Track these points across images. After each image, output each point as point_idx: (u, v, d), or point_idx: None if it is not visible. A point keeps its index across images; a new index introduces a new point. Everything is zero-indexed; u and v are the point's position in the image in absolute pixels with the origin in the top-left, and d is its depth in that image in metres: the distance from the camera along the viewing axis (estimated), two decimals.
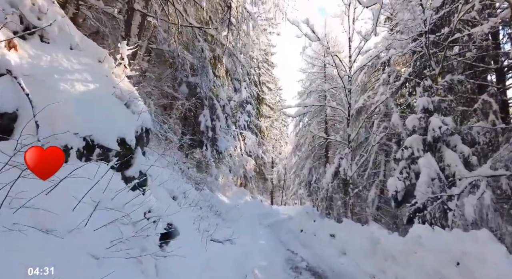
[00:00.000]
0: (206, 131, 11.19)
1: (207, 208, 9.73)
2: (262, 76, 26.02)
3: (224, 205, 15.51)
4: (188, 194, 7.48)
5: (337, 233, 9.67)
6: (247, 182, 24.74)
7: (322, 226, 11.86)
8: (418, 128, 8.26)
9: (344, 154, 16.18)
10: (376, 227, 7.75)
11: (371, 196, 14.62)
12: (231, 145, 19.77)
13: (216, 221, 9.13)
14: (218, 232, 7.21)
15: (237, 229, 10.93)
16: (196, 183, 12.32)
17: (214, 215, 10.57)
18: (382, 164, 15.42)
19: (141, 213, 3.35)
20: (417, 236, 5.37)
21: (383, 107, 14.64)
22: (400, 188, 7.95)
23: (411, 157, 8.00)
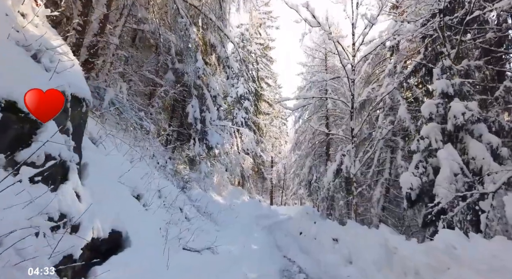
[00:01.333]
0: (194, 124, 9.91)
1: (194, 209, 8.47)
2: (261, 71, 24.75)
3: (218, 206, 14.23)
4: (166, 193, 6.21)
5: (341, 237, 8.37)
6: (245, 181, 23.46)
7: (324, 228, 10.56)
8: (436, 116, 6.97)
9: (347, 150, 14.96)
10: (387, 231, 6.49)
11: (376, 196, 13.35)
12: (227, 142, 18.52)
13: (203, 223, 7.87)
14: (199, 238, 5.94)
15: (229, 232, 9.67)
16: (185, 181, 11.06)
17: (203, 217, 9.30)
18: (388, 161, 14.15)
19: (41, 219, 2.07)
20: (449, 245, 4.08)
21: (388, 100, 13.39)
22: (416, 185, 6.66)
23: (428, 148, 6.71)
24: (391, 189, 13.53)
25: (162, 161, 7.34)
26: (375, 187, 14.28)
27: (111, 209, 3.36)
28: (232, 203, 17.29)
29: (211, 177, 17.59)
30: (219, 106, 11.21)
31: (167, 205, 5.65)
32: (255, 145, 21.91)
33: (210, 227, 8.30)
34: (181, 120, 10.24)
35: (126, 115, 6.67)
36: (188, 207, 7.49)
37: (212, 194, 16.40)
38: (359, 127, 12.57)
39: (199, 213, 9.66)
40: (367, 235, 6.72)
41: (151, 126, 6.87)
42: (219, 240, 7.15)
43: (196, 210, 9.82)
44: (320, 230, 10.69)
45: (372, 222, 13.02)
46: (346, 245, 7.39)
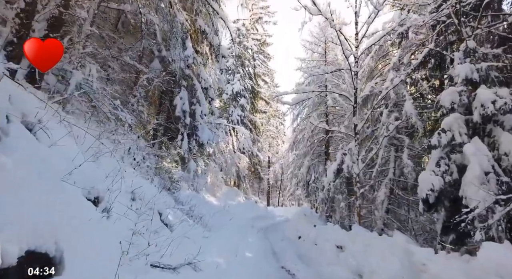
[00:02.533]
0: (182, 117, 8.80)
1: (180, 213, 7.38)
2: (257, 68, 23.68)
3: (211, 207, 13.15)
4: (143, 195, 5.11)
5: (346, 245, 7.31)
6: (241, 182, 22.37)
7: (325, 232, 9.50)
8: (459, 106, 5.93)
9: (348, 149, 13.92)
10: (404, 240, 5.46)
11: (380, 197, 12.30)
12: (222, 140, 17.45)
13: (189, 229, 6.77)
14: (181, 249, 4.85)
15: (220, 237, 8.58)
16: (173, 181, 9.96)
17: (191, 221, 8.21)
18: (392, 160, 13.12)
19: None
20: (499, 265, 3.03)
21: (393, 95, 12.37)
22: (438, 186, 5.60)
23: (451, 143, 5.68)
24: (396, 190, 12.51)
25: (141, 157, 6.27)
26: (379, 188, 13.26)
27: (35, 219, 2.27)
28: (227, 204, 16.20)
29: (204, 177, 16.50)
30: (211, 99, 10.11)
31: (142, 210, 4.55)
32: (251, 144, 20.83)
33: (197, 232, 7.20)
34: (169, 114, 9.14)
35: (97, 104, 5.57)
36: (171, 211, 6.39)
37: (205, 195, 15.30)
38: (362, 123, 11.53)
39: (187, 216, 8.58)
40: (380, 244, 5.65)
41: (128, 116, 5.79)
42: (207, 250, 6.08)
43: (184, 213, 8.73)
44: (320, 234, 9.64)
45: (376, 225, 11.99)
46: (353, 255, 6.33)
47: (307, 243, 10.21)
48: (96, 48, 5.98)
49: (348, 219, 14.33)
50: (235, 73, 21.86)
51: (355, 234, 7.69)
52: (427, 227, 12.90)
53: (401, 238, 5.54)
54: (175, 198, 9.70)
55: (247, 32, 22.87)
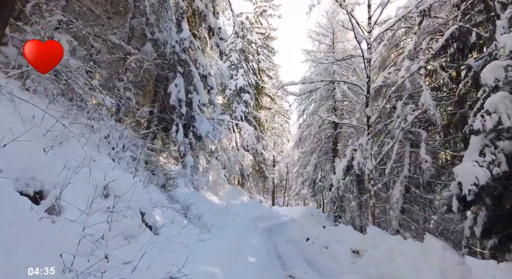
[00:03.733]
0: (178, 106, 7.76)
1: (173, 212, 6.38)
2: (262, 63, 22.63)
3: (212, 207, 12.14)
4: (119, 191, 4.11)
5: (364, 249, 6.26)
6: (245, 180, 21.33)
7: (336, 235, 8.44)
8: (505, 83, 4.84)
9: (358, 144, 12.85)
10: (439, 245, 4.40)
11: (395, 196, 11.20)
12: (225, 137, 16.45)
13: (181, 232, 5.76)
14: (164, 257, 3.84)
15: (220, 240, 7.55)
16: (168, 177, 8.98)
17: (186, 222, 7.21)
18: (407, 156, 12.00)
19: None
20: None
21: (409, 85, 11.25)
22: (484, 179, 4.51)
23: (497, 128, 4.60)
24: (412, 187, 11.40)
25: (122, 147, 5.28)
26: (393, 185, 12.15)
27: None
28: (230, 203, 15.17)
29: (205, 175, 15.51)
30: (210, 88, 9.08)
31: (114, 209, 3.54)
32: (255, 141, 19.79)
33: (192, 235, 6.19)
34: (163, 103, 8.14)
35: (69, 82, 4.59)
36: (160, 210, 5.39)
37: (207, 193, 14.30)
38: (376, 115, 10.43)
39: (183, 216, 7.59)
40: (409, 250, 4.58)
41: (107, 99, 4.80)
42: (201, 256, 5.06)
43: (180, 213, 7.74)
44: (331, 236, 8.57)
45: (391, 226, 10.89)
46: (374, 263, 5.26)
47: (316, 246, 9.15)
48: (69, 19, 4.99)
49: (360, 219, 13.23)
50: (238, 68, 20.86)
51: (374, 236, 6.62)
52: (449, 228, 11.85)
53: (435, 243, 4.49)
54: (171, 196, 8.72)
55: (251, 26, 21.86)
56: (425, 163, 10.46)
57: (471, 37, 9.19)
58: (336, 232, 8.60)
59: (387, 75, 11.98)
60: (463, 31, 9.08)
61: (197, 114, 8.17)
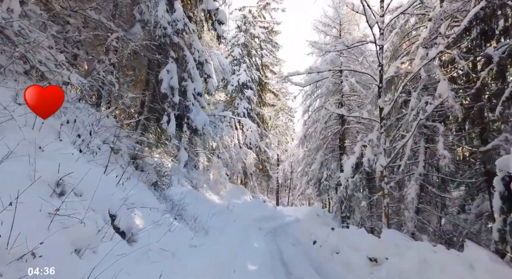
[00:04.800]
0: (170, 95, 6.82)
1: (158, 214, 5.46)
2: (265, 58, 21.68)
3: (212, 207, 11.23)
4: (82, 188, 3.20)
5: (383, 256, 5.29)
6: (247, 179, 20.39)
7: (347, 238, 7.47)
8: None
9: (368, 140, 11.91)
10: (485, 256, 3.44)
11: (411, 195, 10.19)
12: (225, 132, 15.55)
13: (167, 236, 4.87)
14: (134, 273, 2.93)
15: (217, 244, 6.63)
16: (161, 175, 8.07)
17: (177, 223, 6.31)
18: (422, 152, 10.99)
19: None
20: None
21: (424, 74, 10.23)
22: None
23: None
24: (428, 186, 10.38)
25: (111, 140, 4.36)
26: (407, 184, 11.15)
27: None
28: (231, 203, 14.25)
29: (206, 173, 14.61)
30: (208, 76, 8.13)
31: (67, 211, 2.64)
32: (258, 138, 18.86)
33: (183, 239, 5.26)
34: (154, 92, 7.20)
35: (28, 56, 3.70)
36: (140, 211, 4.47)
37: (207, 192, 13.39)
38: (389, 106, 9.43)
39: (175, 218, 6.67)
40: (448, 262, 3.60)
41: (75, 77, 3.89)
42: (190, 266, 4.15)
43: (174, 215, 6.83)
44: (342, 240, 7.60)
45: (406, 228, 9.87)
46: (399, 275, 4.30)
47: (325, 251, 8.18)
48: None
49: (370, 220, 12.23)
50: (241, 63, 19.95)
51: (392, 241, 5.64)
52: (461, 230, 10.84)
53: (479, 253, 3.53)
54: (165, 195, 7.82)
55: (254, 20, 20.95)
56: (443, 159, 9.42)
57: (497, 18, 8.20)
58: (347, 235, 7.63)
59: (400, 65, 11.01)
60: (488, 12, 8.09)
61: (192, 105, 7.25)
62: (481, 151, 10.08)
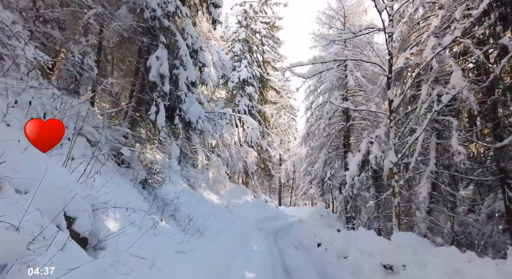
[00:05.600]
0: (159, 83, 6.09)
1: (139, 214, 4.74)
2: (267, 54, 20.96)
3: (210, 207, 10.53)
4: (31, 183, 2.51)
5: (399, 263, 4.56)
6: (249, 179, 19.65)
7: (357, 241, 6.73)
8: None
9: (375, 136, 11.19)
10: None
11: (422, 194, 9.43)
12: (225, 130, 14.87)
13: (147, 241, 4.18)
14: None
15: (211, 248, 5.93)
16: (152, 172, 7.39)
17: (166, 225, 5.62)
18: (433, 148, 10.22)
19: None
20: None
21: (436, 65, 9.46)
22: None
23: None
24: (441, 185, 9.62)
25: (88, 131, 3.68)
26: (418, 182, 10.39)
27: None
28: (231, 203, 13.54)
29: (204, 171, 13.92)
30: (203, 64, 7.40)
31: None
32: (259, 136, 18.13)
33: (167, 245, 4.54)
34: (143, 81, 6.49)
35: None
36: (113, 212, 3.75)
37: (205, 192, 12.70)
38: (399, 98, 8.69)
39: (164, 219, 5.96)
40: (491, 277, 2.87)
41: (29, 49, 3.19)
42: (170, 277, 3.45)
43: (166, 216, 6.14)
44: (350, 243, 6.86)
45: (418, 230, 9.10)
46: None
47: (331, 254, 7.45)
48: None
49: (378, 221, 11.48)
50: (242, 60, 19.25)
51: (408, 246, 4.89)
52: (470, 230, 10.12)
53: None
54: (156, 194, 7.13)
55: (255, 15, 20.25)
56: (458, 155, 8.65)
57: None
58: (355, 238, 6.89)
59: (409, 56, 10.27)
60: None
61: (185, 95, 6.55)
62: (496, 147, 9.39)
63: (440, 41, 8.80)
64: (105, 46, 6.76)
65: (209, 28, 11.01)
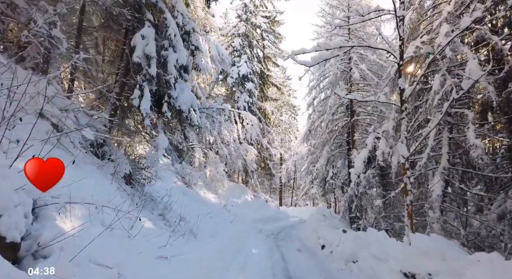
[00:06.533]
0: (145, 65, 5.28)
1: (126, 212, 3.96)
2: (267, 49, 20.19)
3: (206, 206, 9.76)
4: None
5: (424, 272, 3.77)
6: (249, 178, 18.86)
7: (367, 243, 5.93)
8: None
9: (383, 131, 10.42)
10: None
11: (435, 192, 8.62)
12: (223, 126, 14.10)
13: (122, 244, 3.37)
14: None
15: (202, 253, 5.14)
16: (139, 167, 6.63)
17: (153, 226, 4.85)
18: (445, 143, 9.41)
19: None
20: None
21: (449, 53, 8.63)
22: None
23: None
24: (455, 182, 8.82)
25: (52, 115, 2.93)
26: (428, 179, 9.60)
27: None
28: (229, 202, 12.75)
29: (202, 169, 13.15)
30: (195, 48, 6.59)
31: None
32: (259, 133, 17.36)
33: (146, 249, 3.75)
34: (128, 64, 5.67)
35: None
36: (83, 209, 2.98)
37: (201, 190, 11.92)
38: (413, 87, 7.88)
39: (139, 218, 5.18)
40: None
41: None
42: None
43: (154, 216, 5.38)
44: (361, 247, 6.05)
45: (432, 230, 8.28)
46: None
47: (337, 258, 6.66)
48: None
49: (386, 221, 10.67)
50: (241, 55, 18.49)
51: (431, 251, 4.09)
52: None
53: None
54: (143, 191, 6.34)
55: (255, 9, 19.50)
56: (475, 150, 7.85)
57: None
58: (366, 240, 6.09)
59: (420, 44, 9.48)
60: None
61: (175, 80, 5.75)
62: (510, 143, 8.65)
63: (454, 28, 8.05)
64: (86, 27, 5.99)
65: (205, 16, 10.25)
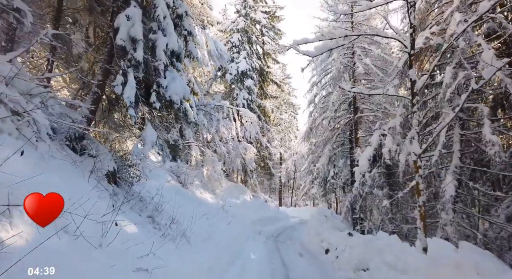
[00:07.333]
0: (130, 48, 4.62)
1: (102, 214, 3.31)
2: (267, 45, 19.54)
3: (202, 207, 9.10)
4: None
5: None
6: (248, 177, 18.20)
7: (377, 249, 5.28)
8: None
9: (389, 128, 9.84)
10: None
11: (448, 192, 7.95)
12: (222, 124, 13.45)
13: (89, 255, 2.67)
14: None
15: (193, 261, 4.49)
16: (127, 164, 5.96)
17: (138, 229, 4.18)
18: (457, 140, 8.75)
19: None
20: None
21: (462, 43, 7.97)
22: None
23: None
24: (469, 182, 8.18)
25: None
26: (439, 179, 8.96)
27: None
28: (227, 203, 12.07)
29: (198, 168, 12.49)
30: (188, 33, 5.89)
31: None
32: (259, 131, 16.71)
33: (123, 257, 3.10)
34: (111, 49, 5.00)
35: None
36: None
37: (197, 190, 11.25)
38: (425, 78, 7.23)
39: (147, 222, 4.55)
40: None
41: None
42: None
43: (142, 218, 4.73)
44: (371, 252, 5.40)
45: (445, 234, 7.64)
46: None
47: (344, 265, 6.00)
48: None
49: (393, 223, 10.02)
50: (240, 51, 17.84)
51: (472, 263, 3.44)
52: None
53: None
54: (130, 191, 5.69)
55: (254, 4, 18.87)
56: (492, 147, 7.20)
57: None
58: (377, 245, 5.43)
59: (430, 35, 8.85)
60: None
61: (164, 67, 5.09)
62: None
63: (467, 17, 7.45)
64: (66, 8, 5.34)
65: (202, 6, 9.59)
